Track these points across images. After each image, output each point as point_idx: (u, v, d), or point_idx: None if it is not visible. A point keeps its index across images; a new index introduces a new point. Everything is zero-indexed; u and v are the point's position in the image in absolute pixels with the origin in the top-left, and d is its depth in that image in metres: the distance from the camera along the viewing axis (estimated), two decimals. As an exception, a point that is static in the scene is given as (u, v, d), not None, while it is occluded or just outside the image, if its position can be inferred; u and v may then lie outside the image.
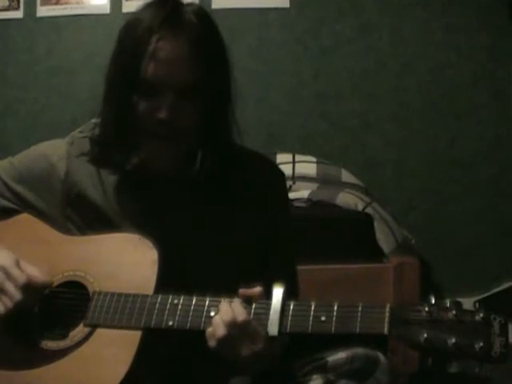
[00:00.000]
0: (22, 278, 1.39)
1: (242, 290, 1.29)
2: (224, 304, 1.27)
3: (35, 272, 1.41)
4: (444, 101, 3.40)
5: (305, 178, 3.01)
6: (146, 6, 1.43)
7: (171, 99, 1.37)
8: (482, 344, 1.10)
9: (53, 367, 1.34)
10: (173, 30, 1.37)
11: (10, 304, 1.38)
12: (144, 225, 1.42)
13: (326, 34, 3.44)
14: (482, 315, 1.12)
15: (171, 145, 1.40)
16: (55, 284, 1.44)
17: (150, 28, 1.37)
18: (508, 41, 3.36)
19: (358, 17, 3.44)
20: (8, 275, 1.39)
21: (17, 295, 1.38)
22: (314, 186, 2.95)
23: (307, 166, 3.09)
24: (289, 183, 2.88)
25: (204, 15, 1.44)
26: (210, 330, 1.26)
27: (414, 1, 3.43)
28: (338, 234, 2.56)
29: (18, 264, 1.42)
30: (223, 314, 1.25)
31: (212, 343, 1.25)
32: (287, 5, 3.44)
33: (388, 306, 1.19)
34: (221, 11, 3.35)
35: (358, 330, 1.19)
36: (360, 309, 1.20)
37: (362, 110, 3.43)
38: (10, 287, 1.38)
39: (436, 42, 3.41)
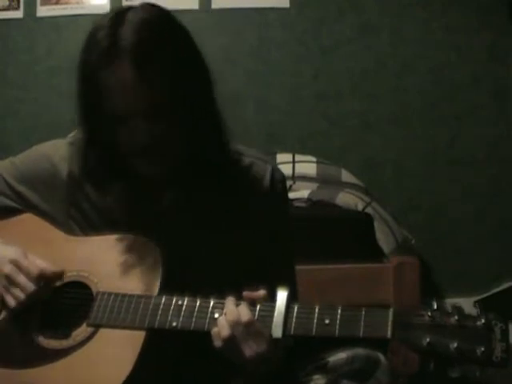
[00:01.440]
0: (34, 270, 1.40)
1: (246, 293, 1.29)
2: (230, 304, 1.27)
3: (44, 263, 1.42)
4: (444, 101, 3.41)
5: (305, 178, 3.01)
6: (88, 41, 1.38)
7: (142, 124, 1.31)
8: (483, 349, 1.12)
9: (55, 366, 1.34)
10: (112, 61, 1.29)
11: (22, 296, 1.39)
12: (147, 226, 1.42)
13: (326, 34, 3.44)
14: (483, 320, 1.14)
15: (160, 164, 1.38)
16: (58, 284, 1.44)
17: (92, 65, 1.33)
18: (508, 41, 3.36)
19: (358, 17, 3.44)
20: (20, 268, 1.40)
21: (30, 287, 1.39)
22: (314, 185, 2.95)
23: (307, 165, 3.09)
24: (289, 183, 2.88)
25: (146, 26, 1.32)
26: (215, 329, 1.26)
27: (414, 1, 3.43)
28: (338, 234, 2.56)
29: (27, 257, 1.43)
30: (229, 314, 1.26)
31: (217, 343, 1.26)
32: (287, 5, 3.44)
33: (391, 309, 1.19)
34: (221, 11, 3.35)
35: (361, 333, 1.19)
36: (363, 312, 1.21)
37: (361, 110, 3.43)
38: (22, 279, 1.39)
39: (436, 42, 3.41)
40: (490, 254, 3.33)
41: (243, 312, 1.25)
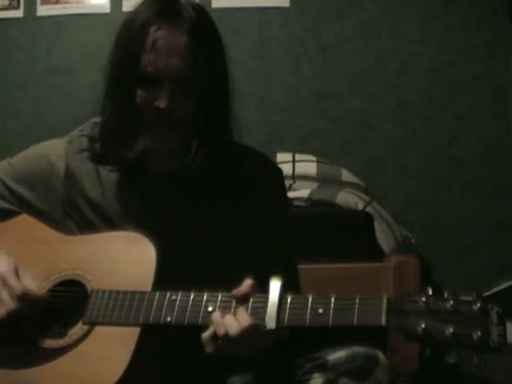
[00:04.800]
0: (18, 289, 1.37)
1: (234, 292, 1.28)
2: (216, 317, 1.26)
3: (32, 284, 1.40)
4: (444, 100, 3.40)
5: (305, 178, 3.01)
6: (143, 2, 1.44)
7: (169, 88, 1.38)
8: (479, 333, 1.10)
9: (52, 365, 1.34)
10: (170, 20, 1.39)
11: (2, 312, 1.37)
12: (142, 223, 1.42)
13: (326, 33, 3.44)
14: (479, 305, 1.13)
15: (170, 134, 1.41)
16: (54, 283, 1.44)
17: (147, 19, 1.39)
18: (508, 40, 3.35)
19: (357, 16, 3.44)
20: (5, 283, 1.38)
21: (10, 304, 1.37)
22: (314, 185, 2.95)
23: (307, 165, 3.09)
24: (289, 182, 2.88)
25: (202, 9, 1.45)
26: (205, 335, 1.26)
27: (414, 0, 3.43)
28: (337, 234, 2.56)
29: (16, 273, 1.41)
30: (216, 326, 1.25)
31: (208, 349, 1.26)
32: (287, 4, 3.44)
33: (385, 297, 1.19)
34: (221, 10, 3.35)
35: (355, 321, 1.19)
36: (357, 301, 1.20)
37: (361, 109, 3.43)
38: (5, 296, 1.37)
39: (436, 42, 3.41)
40: (490, 252, 3.32)
41: (229, 324, 1.24)
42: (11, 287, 1.38)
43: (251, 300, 1.27)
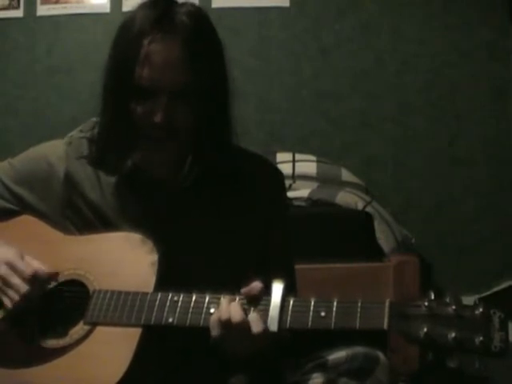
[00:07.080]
0: (28, 271, 1.39)
1: (244, 291, 1.28)
2: (223, 303, 1.27)
3: (40, 265, 1.42)
4: (444, 100, 3.41)
5: (305, 177, 3.01)
6: (140, 8, 1.42)
7: (165, 102, 1.36)
8: (481, 338, 1.10)
9: (52, 365, 1.34)
10: (164, 33, 1.36)
11: (17, 297, 1.38)
12: (143, 225, 1.42)
13: (326, 33, 3.45)
14: (481, 310, 1.13)
15: (168, 146, 1.41)
16: (56, 283, 1.44)
17: (141, 31, 1.36)
18: (508, 40, 3.36)
19: (357, 16, 3.45)
20: (14, 269, 1.40)
21: (24, 287, 1.38)
22: (314, 184, 2.95)
23: (307, 164, 3.09)
24: (289, 182, 2.88)
25: (198, 15, 1.42)
26: (213, 317, 1.26)
27: (414, 0, 3.43)
28: (337, 233, 2.56)
29: (22, 258, 1.42)
30: (222, 313, 1.25)
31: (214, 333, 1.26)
32: (287, 4, 3.45)
33: (388, 301, 1.19)
34: (221, 10, 3.36)
35: (357, 325, 1.19)
36: (360, 304, 1.20)
37: (361, 109, 3.43)
38: (16, 280, 1.39)
39: (436, 42, 3.41)
40: (490, 252, 3.32)
41: (234, 311, 1.25)
42: (21, 271, 1.39)
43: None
